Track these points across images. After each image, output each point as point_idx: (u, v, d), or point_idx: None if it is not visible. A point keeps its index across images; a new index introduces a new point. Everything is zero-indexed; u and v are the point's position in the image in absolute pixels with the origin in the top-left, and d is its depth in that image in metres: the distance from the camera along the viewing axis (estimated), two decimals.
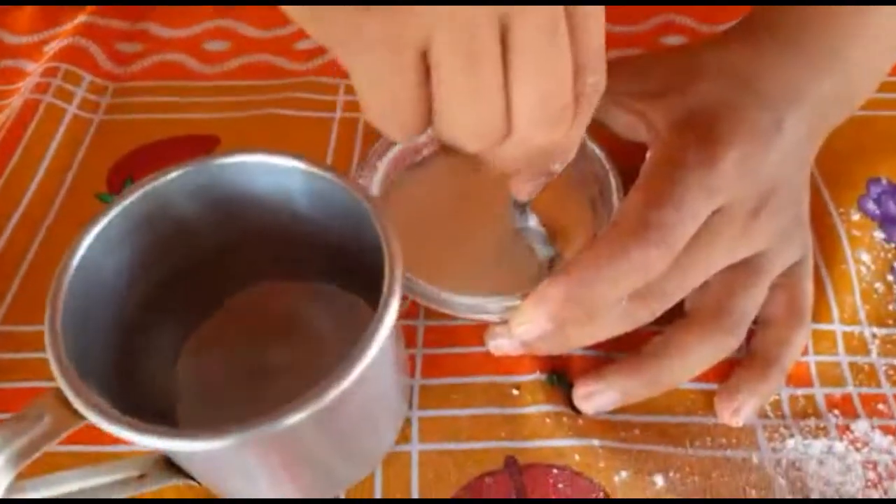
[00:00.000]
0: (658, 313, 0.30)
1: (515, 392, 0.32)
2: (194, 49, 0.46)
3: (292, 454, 0.25)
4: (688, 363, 0.31)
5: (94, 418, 0.22)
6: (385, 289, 0.24)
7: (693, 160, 0.29)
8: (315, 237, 0.30)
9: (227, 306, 0.33)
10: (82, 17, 0.47)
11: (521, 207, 0.33)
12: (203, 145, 0.41)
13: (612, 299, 0.28)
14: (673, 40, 0.45)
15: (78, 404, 0.22)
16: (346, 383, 0.22)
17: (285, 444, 0.24)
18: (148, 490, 0.28)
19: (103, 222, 0.27)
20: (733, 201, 0.29)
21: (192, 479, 0.28)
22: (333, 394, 0.22)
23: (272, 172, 0.28)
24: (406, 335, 0.34)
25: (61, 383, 0.22)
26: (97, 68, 0.45)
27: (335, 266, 0.31)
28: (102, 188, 0.40)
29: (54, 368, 0.23)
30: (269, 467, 0.25)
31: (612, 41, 0.44)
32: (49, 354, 0.23)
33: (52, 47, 0.46)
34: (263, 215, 0.29)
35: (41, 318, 0.34)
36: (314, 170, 0.27)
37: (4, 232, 0.38)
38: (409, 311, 0.34)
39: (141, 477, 0.27)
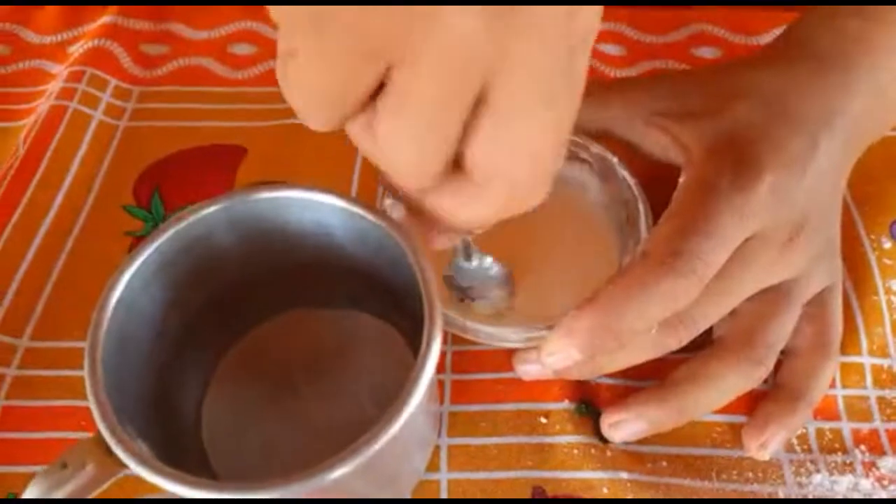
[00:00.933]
0: (686, 341, 0.30)
1: (544, 420, 0.32)
2: (220, 52, 0.46)
3: (330, 495, 0.26)
4: (715, 393, 0.31)
5: (136, 468, 0.22)
6: (425, 337, 0.24)
7: (727, 186, 0.28)
8: (348, 268, 0.30)
9: (256, 334, 0.33)
10: (106, 17, 0.47)
11: (467, 251, 0.31)
12: (230, 155, 0.41)
13: (641, 329, 0.28)
14: (706, 51, 0.44)
15: (120, 453, 0.22)
16: (391, 433, 0.22)
17: (326, 491, 0.24)
18: None
19: (140, 259, 0.27)
20: (767, 228, 0.29)
21: None
22: (379, 445, 0.22)
23: (309, 208, 0.28)
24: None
25: (104, 433, 0.23)
26: (122, 72, 0.45)
27: (365, 294, 0.31)
28: (129, 199, 0.40)
29: (96, 415, 0.23)
30: None
31: (644, 51, 0.44)
32: (90, 400, 0.24)
33: (76, 48, 0.46)
34: (297, 248, 0.30)
35: (71, 333, 0.35)
36: (352, 207, 0.27)
37: (33, 243, 0.38)
38: None
39: None
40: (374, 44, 0.17)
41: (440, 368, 0.34)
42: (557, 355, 0.28)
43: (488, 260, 0.32)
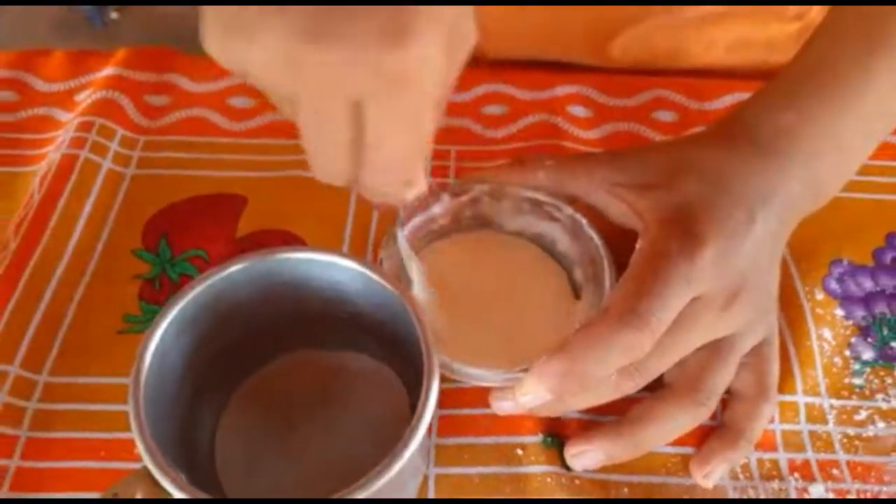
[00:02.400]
0: (641, 386, 0.34)
1: (520, 452, 0.36)
2: (219, 104, 0.49)
3: None
4: (664, 430, 0.35)
5: (180, 494, 0.26)
6: (424, 386, 0.28)
7: (675, 254, 0.33)
8: (352, 316, 0.34)
9: (264, 372, 0.37)
10: (111, 68, 0.50)
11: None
12: (232, 204, 0.45)
13: (602, 375, 0.32)
14: (664, 115, 0.49)
15: (167, 484, 0.26)
16: (392, 473, 0.26)
17: None
18: None
19: (173, 312, 0.30)
20: (710, 291, 0.34)
21: None
22: (381, 483, 0.26)
23: (323, 266, 0.32)
24: None
25: (152, 467, 0.26)
26: (128, 121, 0.48)
27: (366, 338, 0.35)
28: (138, 244, 0.43)
29: (143, 452, 0.27)
30: None
31: (606, 114, 0.49)
32: (137, 439, 0.27)
33: (84, 97, 0.49)
34: (308, 299, 0.34)
35: (87, 369, 0.38)
36: (362, 268, 0.32)
37: (49, 285, 0.41)
38: None
39: None
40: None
41: None
42: (530, 395, 0.33)
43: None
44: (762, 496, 0.35)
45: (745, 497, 0.35)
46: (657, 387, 0.36)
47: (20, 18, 1.54)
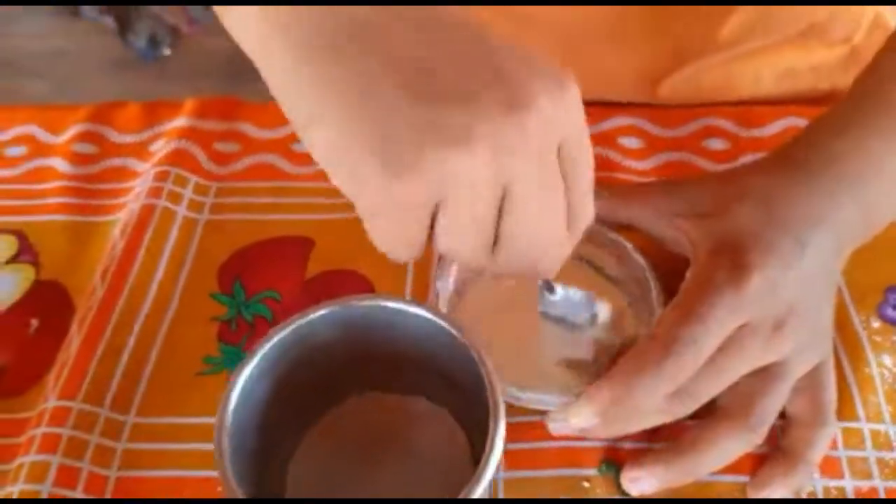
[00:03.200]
0: (692, 410, 0.36)
1: (586, 484, 0.37)
2: (284, 150, 0.52)
3: None
4: (716, 456, 0.36)
5: None
6: (490, 433, 0.30)
7: (723, 283, 0.35)
8: (421, 363, 0.35)
9: (334, 413, 0.38)
10: (182, 119, 0.53)
11: (549, 287, 0.39)
12: (300, 247, 0.47)
13: (649, 402, 0.34)
14: (715, 143, 0.50)
15: None
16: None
17: None
18: None
19: (259, 355, 0.32)
20: (756, 319, 0.35)
21: None
22: None
23: (399, 313, 0.34)
24: None
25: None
26: (200, 169, 0.51)
27: (433, 384, 0.37)
28: (214, 288, 0.45)
29: (229, 489, 0.29)
30: None
31: (658, 144, 0.50)
32: (223, 479, 0.29)
33: (158, 147, 0.52)
34: (382, 344, 0.35)
35: (171, 409, 0.41)
36: (435, 318, 0.33)
37: (133, 331, 0.43)
38: None
39: None
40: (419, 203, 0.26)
41: None
42: (580, 418, 0.35)
43: (571, 289, 0.39)
44: None
45: None
46: (711, 412, 0.37)
47: (78, 56, 1.61)
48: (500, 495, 0.37)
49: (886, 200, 0.39)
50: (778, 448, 0.38)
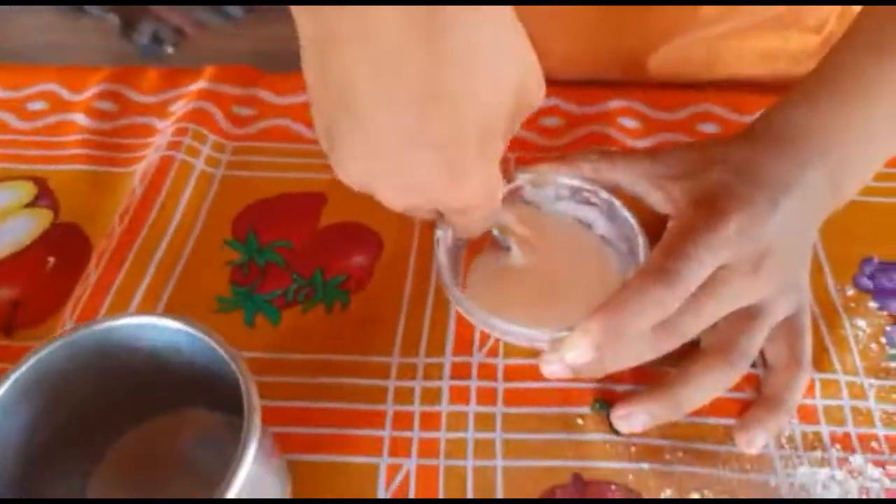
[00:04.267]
0: (677, 345, 0.38)
1: (580, 421, 0.40)
2: (300, 115, 0.54)
3: None
4: (700, 390, 0.39)
5: None
6: (243, 437, 0.29)
7: (702, 227, 0.37)
8: (191, 375, 0.35)
9: (132, 436, 0.37)
10: (202, 82, 0.55)
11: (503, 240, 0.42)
12: (313, 201, 0.49)
13: (638, 329, 0.36)
14: (707, 127, 0.53)
15: None
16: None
17: None
18: None
19: (4, 387, 0.31)
20: (735, 259, 0.37)
21: None
22: None
23: (152, 329, 0.33)
24: (488, 371, 0.41)
25: None
26: (218, 128, 0.53)
27: (201, 392, 0.36)
28: (228, 236, 0.48)
29: None
30: None
31: (654, 126, 0.53)
32: None
33: (178, 107, 0.54)
34: (144, 364, 0.35)
35: None
36: (182, 326, 0.33)
37: (148, 271, 0.45)
38: (492, 350, 0.42)
39: None
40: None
41: (492, 377, 0.41)
42: (575, 351, 0.36)
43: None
44: (805, 464, 0.38)
45: (789, 464, 0.38)
46: (694, 355, 0.39)
47: (79, 52, 1.63)
48: (499, 431, 0.39)
49: (854, 168, 0.41)
50: (760, 393, 0.40)
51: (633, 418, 0.39)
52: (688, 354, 0.39)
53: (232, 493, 0.28)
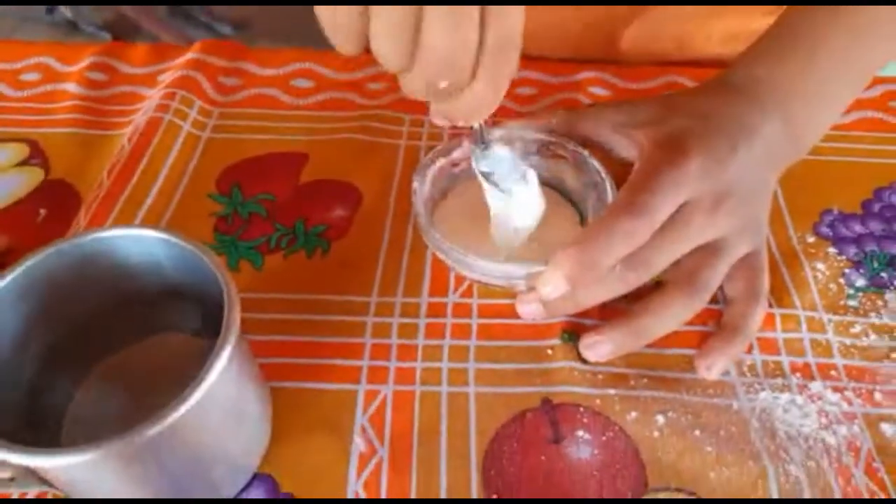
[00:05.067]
0: (646, 279, 0.39)
1: (550, 352, 0.41)
2: (284, 85, 0.56)
3: (143, 470, 0.30)
4: (663, 320, 0.40)
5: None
6: (224, 327, 0.30)
7: (666, 165, 0.39)
8: (177, 294, 0.36)
9: (123, 354, 0.39)
10: (191, 54, 0.58)
11: (482, 144, 0.41)
12: (295, 160, 0.51)
13: (609, 262, 0.37)
14: None
15: None
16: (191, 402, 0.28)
17: (136, 460, 0.29)
18: (17, 490, 0.35)
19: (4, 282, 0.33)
20: (697, 195, 0.39)
21: (52, 486, 0.32)
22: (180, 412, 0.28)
23: (139, 242, 0.35)
24: (463, 310, 0.43)
25: None
26: (205, 96, 0.55)
27: (188, 316, 0.38)
28: (213, 190, 0.49)
29: None
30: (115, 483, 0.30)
31: (624, 95, 0.56)
32: None
33: (166, 77, 0.56)
34: (132, 278, 0.36)
35: None
36: (169, 237, 0.34)
37: (136, 218, 0.47)
38: (466, 291, 0.44)
39: (10, 479, 0.31)
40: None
41: (467, 314, 0.43)
42: (550, 286, 0.37)
43: (499, 147, 0.41)
44: (767, 390, 0.40)
45: (751, 390, 0.40)
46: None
47: None
48: (472, 361, 0.41)
49: (812, 119, 0.44)
50: (719, 324, 0.42)
51: (599, 346, 0.40)
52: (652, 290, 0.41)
53: (204, 389, 0.28)
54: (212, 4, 1.63)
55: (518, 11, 0.31)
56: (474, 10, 0.30)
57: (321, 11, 0.30)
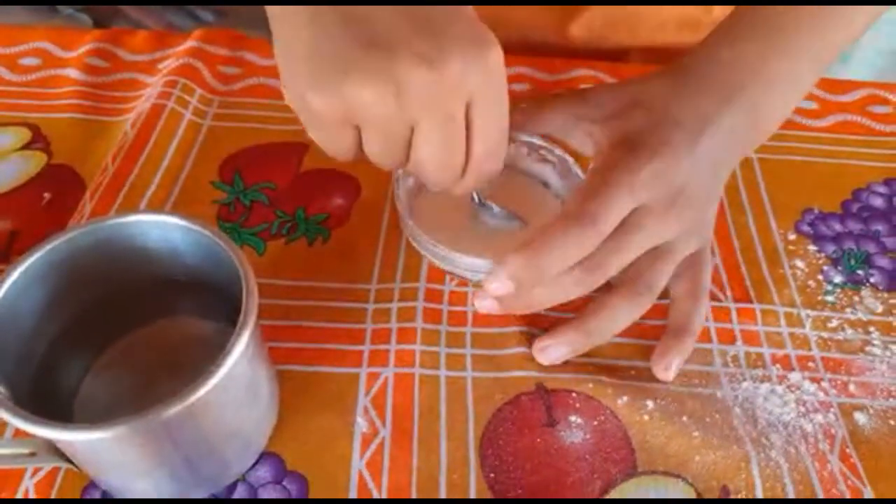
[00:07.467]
0: (601, 281, 0.39)
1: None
2: None
3: (158, 447, 0.31)
4: (612, 319, 0.41)
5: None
6: (243, 312, 0.31)
7: (621, 168, 0.39)
8: (191, 279, 0.37)
9: (130, 338, 0.39)
10: (191, 42, 0.58)
11: (481, 203, 0.44)
12: (295, 150, 0.52)
13: (559, 266, 0.37)
14: None
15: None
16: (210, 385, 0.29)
17: (158, 436, 0.30)
18: (35, 465, 0.36)
19: (17, 272, 0.33)
20: (650, 200, 0.39)
21: (73, 464, 0.33)
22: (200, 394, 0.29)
23: (159, 227, 0.36)
24: (459, 298, 0.45)
25: None
26: (205, 84, 0.56)
27: (211, 304, 0.38)
28: (215, 178, 0.50)
29: None
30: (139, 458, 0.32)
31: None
32: None
33: (167, 65, 0.57)
34: (150, 263, 0.37)
35: None
36: (189, 224, 0.35)
37: (140, 206, 0.48)
38: (462, 281, 0.45)
39: (32, 454, 0.32)
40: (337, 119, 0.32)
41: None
42: (496, 283, 0.37)
43: (496, 207, 0.44)
44: (748, 380, 0.42)
45: (734, 379, 0.42)
46: None
47: None
48: (468, 347, 0.42)
49: (772, 105, 0.43)
50: (668, 325, 0.43)
51: (551, 350, 0.41)
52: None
53: (226, 369, 0.30)
54: None
55: (503, 120, 0.35)
56: (460, 131, 0.33)
57: (313, 133, 0.34)
